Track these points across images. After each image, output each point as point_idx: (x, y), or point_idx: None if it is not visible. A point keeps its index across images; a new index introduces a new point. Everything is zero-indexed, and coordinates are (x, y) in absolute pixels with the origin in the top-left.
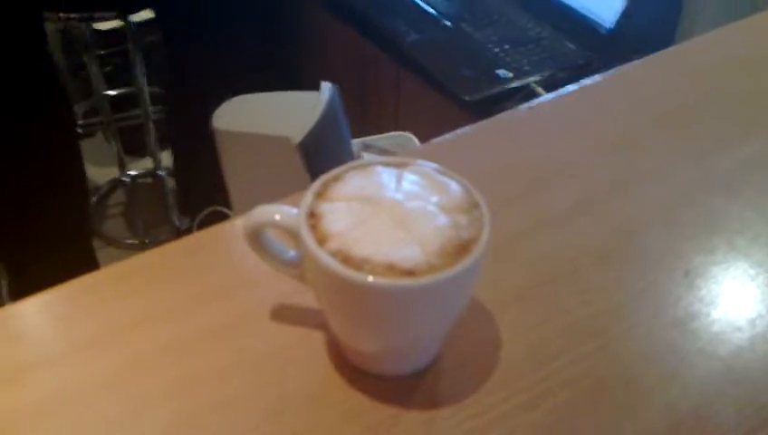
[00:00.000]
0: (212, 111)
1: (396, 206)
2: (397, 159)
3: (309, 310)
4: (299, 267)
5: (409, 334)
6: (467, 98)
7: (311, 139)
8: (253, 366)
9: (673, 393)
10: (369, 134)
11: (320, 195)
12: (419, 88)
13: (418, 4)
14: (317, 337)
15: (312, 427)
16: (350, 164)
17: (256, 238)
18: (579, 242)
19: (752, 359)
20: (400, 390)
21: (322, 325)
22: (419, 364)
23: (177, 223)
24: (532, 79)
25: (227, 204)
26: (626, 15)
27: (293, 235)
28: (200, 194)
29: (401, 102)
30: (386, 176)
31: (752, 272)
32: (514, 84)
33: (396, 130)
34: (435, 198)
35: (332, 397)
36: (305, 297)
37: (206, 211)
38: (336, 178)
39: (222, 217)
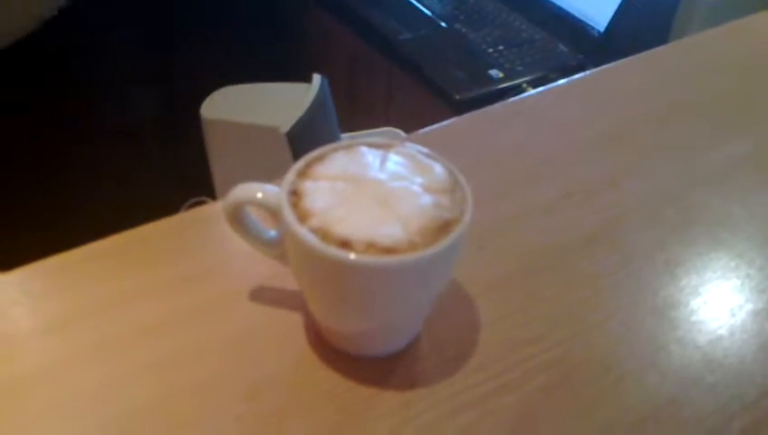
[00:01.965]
0: (199, 105)
1: (379, 185)
2: (382, 140)
3: (287, 291)
4: (279, 247)
5: (388, 314)
6: (458, 97)
7: (299, 129)
8: (229, 347)
9: (650, 381)
10: (359, 130)
11: (302, 173)
12: (411, 86)
13: (413, 4)
14: (295, 318)
15: (287, 408)
16: (334, 144)
17: (237, 217)
18: (562, 232)
19: (729, 348)
20: (377, 371)
21: (301, 307)
22: (397, 346)
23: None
24: (523, 79)
25: (212, 196)
26: (618, 19)
27: (275, 213)
28: (186, 187)
29: (392, 100)
30: (370, 156)
31: (732, 264)
32: (506, 84)
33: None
34: (419, 179)
35: (308, 378)
36: (284, 279)
37: (189, 202)
38: (320, 158)
39: None
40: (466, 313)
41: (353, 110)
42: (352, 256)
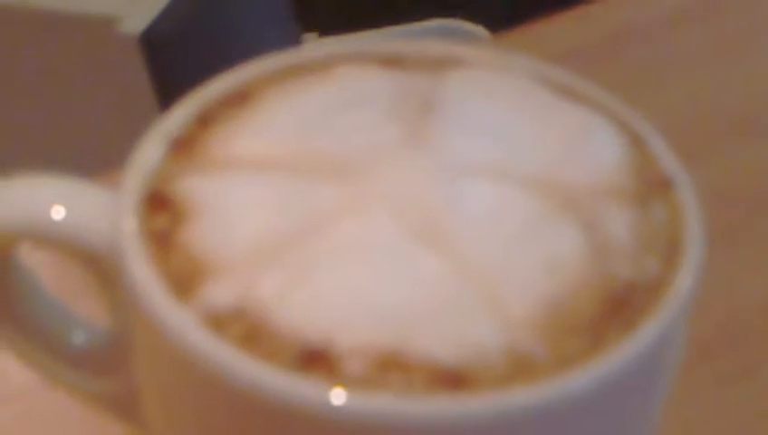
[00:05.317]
0: None
1: (415, 184)
2: (420, 47)
3: None
4: (112, 367)
5: None
6: None
7: (168, 26)
8: None
9: None
10: (379, 26)
11: (184, 146)
12: None
13: None
14: None
15: None
16: (281, 56)
17: None
18: None
19: None
20: None
21: None
22: None
23: None
24: None
25: None
26: None
27: (102, 267)
28: None
29: None
30: (384, 96)
31: None
32: None
33: (440, 17)
34: (540, 165)
35: None
36: None
37: None
38: (236, 99)
39: None
40: None
41: None
42: (336, 396)
